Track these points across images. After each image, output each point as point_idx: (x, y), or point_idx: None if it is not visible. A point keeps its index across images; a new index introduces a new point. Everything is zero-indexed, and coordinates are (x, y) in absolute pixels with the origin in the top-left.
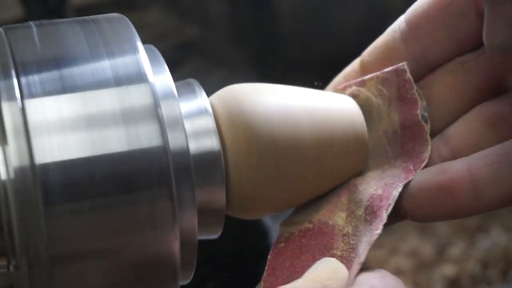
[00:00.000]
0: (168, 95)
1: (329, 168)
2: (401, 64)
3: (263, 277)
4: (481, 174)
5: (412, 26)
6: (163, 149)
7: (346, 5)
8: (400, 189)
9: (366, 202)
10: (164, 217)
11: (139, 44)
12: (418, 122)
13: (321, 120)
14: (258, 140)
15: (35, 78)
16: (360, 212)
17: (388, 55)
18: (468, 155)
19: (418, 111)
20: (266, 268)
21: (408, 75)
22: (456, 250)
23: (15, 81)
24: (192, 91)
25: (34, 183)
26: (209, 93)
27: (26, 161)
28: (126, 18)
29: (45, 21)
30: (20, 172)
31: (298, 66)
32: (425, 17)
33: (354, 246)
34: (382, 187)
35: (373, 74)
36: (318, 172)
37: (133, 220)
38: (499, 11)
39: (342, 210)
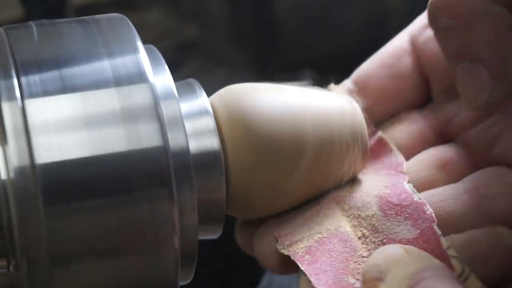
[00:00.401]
0: (168, 95)
1: (329, 168)
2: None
3: (313, 283)
4: (436, 211)
5: (359, 85)
6: (163, 149)
7: (346, 5)
8: (410, 184)
9: (377, 203)
10: (164, 217)
11: (139, 44)
12: (379, 138)
13: (321, 120)
14: (258, 140)
15: (35, 78)
16: (373, 211)
17: None
18: (419, 193)
19: (379, 133)
20: (309, 275)
21: (364, 115)
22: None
23: (15, 81)
24: (192, 91)
25: (34, 183)
26: (209, 93)
27: (26, 161)
28: (126, 18)
29: (45, 21)
30: (20, 172)
31: (298, 66)
32: (371, 76)
33: (383, 241)
34: (386, 187)
35: None
36: (318, 172)
37: (133, 220)
38: (477, 75)
39: (340, 218)
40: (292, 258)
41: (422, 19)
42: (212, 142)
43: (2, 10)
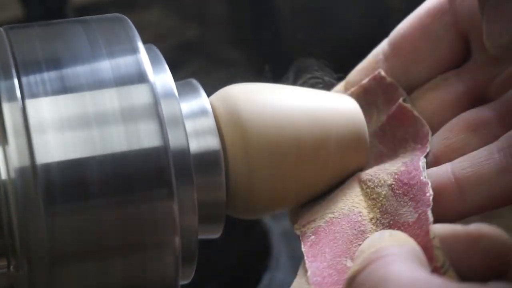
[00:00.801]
0: (168, 95)
1: (328, 168)
2: (376, 72)
3: (306, 265)
4: (466, 176)
5: (394, 47)
6: (164, 149)
7: (346, 5)
8: (424, 159)
9: (390, 181)
10: (165, 217)
11: (140, 44)
12: (400, 105)
13: (321, 120)
14: (258, 140)
15: (35, 78)
16: (384, 191)
17: (370, 75)
18: (451, 160)
19: (400, 98)
20: (306, 257)
21: (389, 78)
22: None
23: (15, 81)
24: (193, 91)
25: (35, 183)
26: (209, 93)
27: (26, 161)
28: (127, 18)
29: (45, 21)
30: (21, 172)
31: (298, 66)
32: (406, 37)
33: (390, 223)
34: (403, 164)
35: (352, 89)
36: (318, 172)
37: (134, 220)
38: (505, 11)
39: (359, 198)
40: (300, 238)
41: None
42: (212, 142)
43: (2, 10)
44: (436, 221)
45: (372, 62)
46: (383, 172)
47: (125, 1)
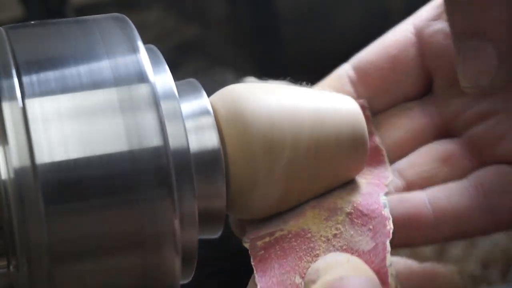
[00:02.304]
0: (168, 95)
1: (329, 168)
2: (361, 100)
3: (256, 279)
4: (443, 208)
5: (361, 73)
6: (164, 149)
7: (346, 5)
8: (384, 197)
9: (348, 209)
10: (164, 216)
11: (140, 44)
12: (377, 147)
13: (321, 120)
14: (258, 140)
15: (36, 77)
16: (341, 217)
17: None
18: (422, 188)
19: (376, 137)
20: (255, 271)
21: (368, 112)
22: (456, 250)
23: (16, 80)
24: (193, 91)
25: (35, 183)
26: (209, 93)
27: (26, 161)
28: (127, 18)
29: (45, 21)
30: (21, 171)
31: (298, 66)
32: (373, 65)
33: (343, 247)
34: (362, 195)
35: None
36: (318, 172)
37: (133, 220)
38: (484, 53)
39: (312, 217)
40: (250, 252)
41: (428, 10)
42: (212, 142)
43: (2, 10)
44: (402, 245)
45: (337, 84)
46: (340, 199)
47: (125, 1)
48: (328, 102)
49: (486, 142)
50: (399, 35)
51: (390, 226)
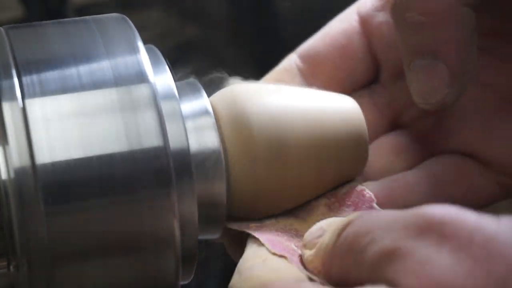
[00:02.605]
0: (168, 95)
1: (329, 168)
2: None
3: (255, 235)
4: (398, 194)
5: (310, 63)
6: (164, 149)
7: (347, 5)
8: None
9: (323, 202)
10: (164, 217)
11: (140, 44)
12: (360, 191)
13: (321, 120)
14: (258, 140)
15: (36, 78)
16: (319, 210)
17: None
18: (378, 179)
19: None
20: (252, 233)
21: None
22: None
23: (16, 80)
24: (193, 91)
25: (35, 183)
26: (209, 93)
27: (26, 161)
28: (127, 18)
29: (45, 21)
30: (21, 172)
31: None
32: (324, 56)
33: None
34: (331, 194)
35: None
36: (318, 172)
37: (133, 220)
38: (437, 71)
39: (292, 221)
40: (237, 228)
41: (371, 0)
42: (212, 142)
43: (2, 10)
44: None
45: (286, 76)
46: (315, 203)
47: (125, 1)
48: (328, 102)
49: (435, 135)
50: (345, 24)
51: (369, 193)
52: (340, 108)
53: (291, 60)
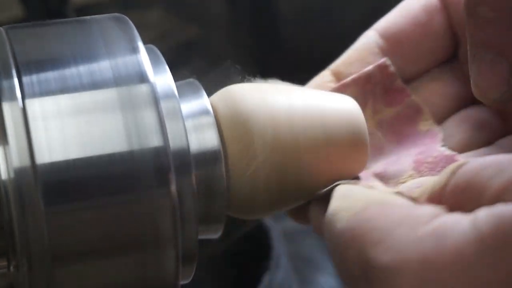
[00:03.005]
0: (168, 95)
1: (329, 168)
2: (382, 60)
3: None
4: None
5: (391, 42)
6: (164, 149)
7: (346, 5)
8: (440, 145)
9: (412, 166)
10: (164, 217)
11: (140, 44)
12: (412, 101)
13: (321, 120)
14: (258, 140)
15: (36, 78)
16: (409, 173)
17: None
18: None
19: (412, 97)
20: None
21: (392, 69)
22: None
23: (16, 80)
24: (193, 91)
25: (35, 183)
26: (209, 93)
27: (26, 161)
28: (127, 18)
29: (45, 21)
30: (21, 172)
31: (298, 66)
32: (405, 34)
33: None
34: (420, 153)
35: (354, 76)
36: (319, 172)
37: (133, 220)
38: (500, 69)
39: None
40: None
41: None
42: (212, 142)
43: (2, 10)
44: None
45: (366, 55)
46: (400, 165)
47: (125, 1)
48: (328, 102)
49: None
50: (424, 1)
51: (460, 159)
52: (340, 108)
53: (370, 38)
